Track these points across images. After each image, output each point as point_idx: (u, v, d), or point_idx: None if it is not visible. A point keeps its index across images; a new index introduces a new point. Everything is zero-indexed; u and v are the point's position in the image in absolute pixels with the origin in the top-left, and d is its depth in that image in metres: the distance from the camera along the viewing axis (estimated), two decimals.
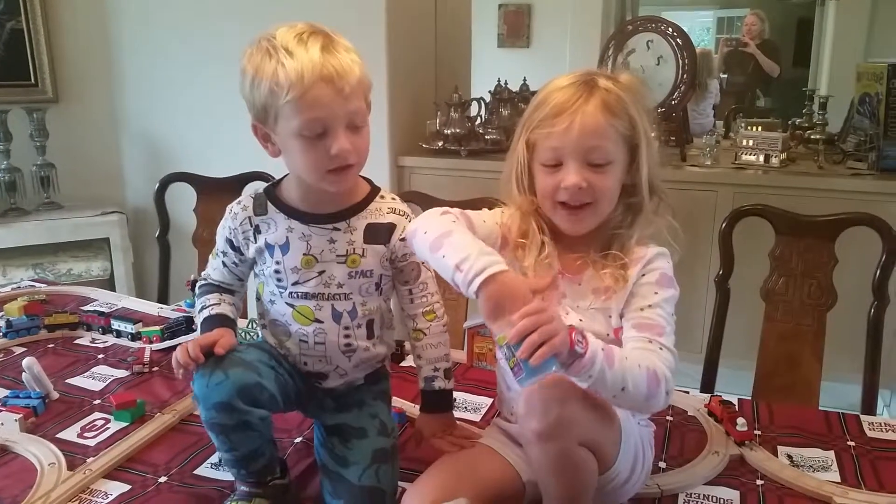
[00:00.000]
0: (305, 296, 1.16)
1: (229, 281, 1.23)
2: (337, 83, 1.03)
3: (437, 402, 1.23)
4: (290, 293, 1.16)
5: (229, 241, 1.19)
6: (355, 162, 1.09)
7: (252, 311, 1.31)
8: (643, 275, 1.07)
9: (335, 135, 1.05)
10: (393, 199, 1.21)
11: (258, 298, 1.23)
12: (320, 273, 1.15)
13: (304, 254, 1.14)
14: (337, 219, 1.15)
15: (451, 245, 1.01)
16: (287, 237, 1.15)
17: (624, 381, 0.95)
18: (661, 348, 1.02)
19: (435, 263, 1.04)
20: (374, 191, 1.20)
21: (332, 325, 1.16)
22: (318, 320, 1.16)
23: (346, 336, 1.17)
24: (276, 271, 1.16)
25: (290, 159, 1.11)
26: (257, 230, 1.17)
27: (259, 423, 1.08)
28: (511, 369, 0.91)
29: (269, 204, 1.17)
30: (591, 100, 1.04)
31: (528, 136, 1.09)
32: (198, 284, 1.26)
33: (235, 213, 1.19)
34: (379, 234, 1.17)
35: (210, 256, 1.25)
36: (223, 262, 1.22)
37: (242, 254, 1.19)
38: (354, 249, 1.15)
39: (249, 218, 1.17)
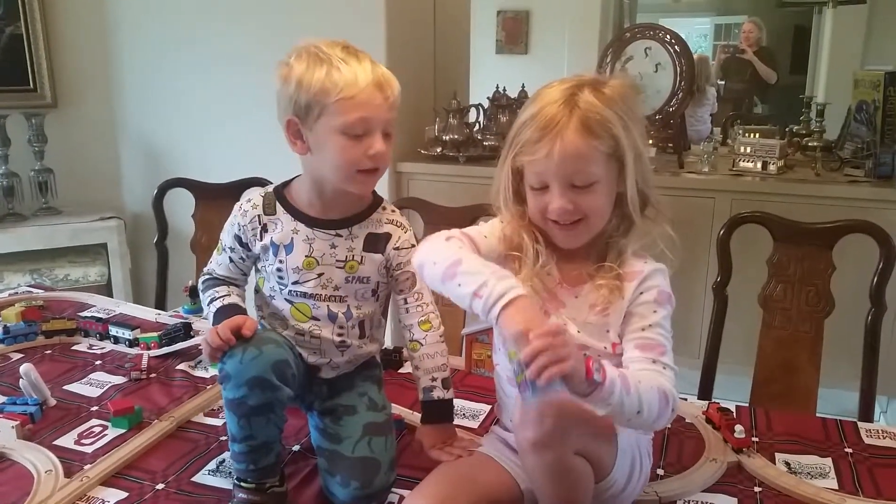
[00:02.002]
0: (304, 295, 1.22)
1: (234, 276, 1.29)
2: (385, 90, 1.14)
3: (437, 413, 1.25)
4: (290, 291, 1.22)
5: (238, 238, 1.25)
6: (382, 167, 1.17)
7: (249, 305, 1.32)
8: (641, 293, 1.07)
9: (374, 137, 1.13)
10: (393, 211, 1.27)
11: (257, 291, 1.29)
12: (319, 275, 1.21)
13: (306, 256, 1.20)
14: (340, 226, 1.22)
15: (465, 272, 1.01)
16: (292, 238, 1.21)
17: (640, 405, 0.96)
18: (664, 368, 1.03)
19: (450, 293, 1.04)
20: (377, 202, 1.26)
21: (327, 324, 1.22)
22: (314, 318, 1.22)
23: (340, 335, 1.23)
24: (279, 269, 1.22)
25: (322, 156, 1.16)
26: (265, 228, 1.23)
27: (280, 406, 1.12)
28: (518, 384, 0.92)
29: (277, 204, 1.23)
30: (570, 123, 1.02)
31: (514, 161, 1.09)
32: (201, 279, 1.31)
33: (245, 210, 1.24)
34: (377, 243, 1.23)
35: (214, 252, 1.30)
36: (230, 258, 1.27)
37: (250, 250, 1.25)
38: (353, 256, 1.21)
39: (259, 216, 1.23)
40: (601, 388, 0.92)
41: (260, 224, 1.23)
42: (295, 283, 1.21)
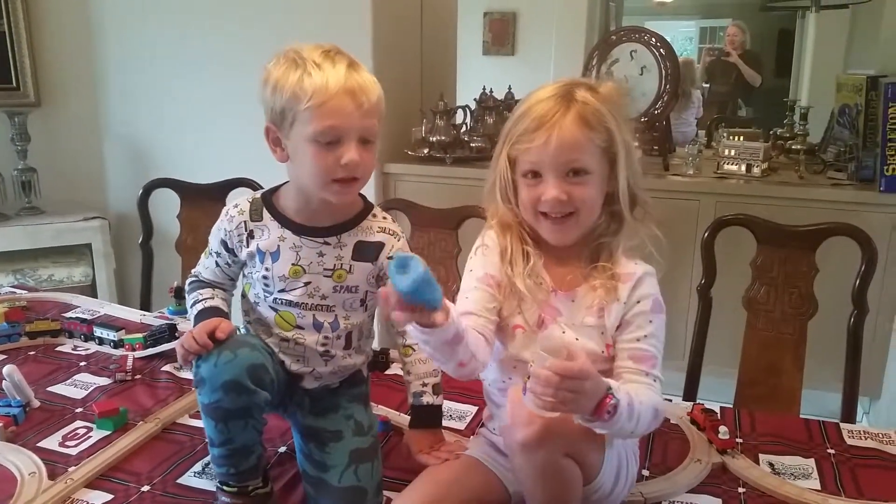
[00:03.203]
0: (289, 303, 1.19)
1: (220, 280, 1.27)
2: (358, 97, 1.09)
3: (426, 418, 1.25)
4: (276, 299, 1.20)
5: (224, 243, 1.23)
6: (360, 176, 1.13)
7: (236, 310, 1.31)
8: (638, 301, 1.08)
9: (348, 145, 1.09)
10: (384, 217, 1.25)
11: (243, 296, 1.27)
12: (306, 284, 1.18)
13: (292, 264, 1.18)
14: (328, 233, 1.19)
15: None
16: (278, 246, 1.19)
17: (636, 426, 0.99)
18: (654, 380, 1.06)
19: (463, 355, 1.02)
20: (367, 208, 1.23)
21: (311, 333, 1.20)
22: (298, 327, 1.20)
23: (324, 345, 1.21)
24: (265, 277, 1.19)
25: (298, 164, 1.14)
26: (251, 235, 1.20)
27: (258, 410, 1.10)
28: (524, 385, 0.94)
29: (264, 211, 1.21)
30: (567, 114, 1.04)
31: (510, 151, 1.10)
32: (188, 281, 1.29)
33: (232, 216, 1.22)
34: (367, 251, 1.20)
35: (202, 255, 1.28)
36: (216, 263, 1.25)
37: (236, 255, 1.23)
38: (342, 265, 1.19)
39: (245, 222, 1.21)
40: (608, 422, 0.94)
41: (246, 230, 1.20)
42: (281, 291, 1.19)
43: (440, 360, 1.02)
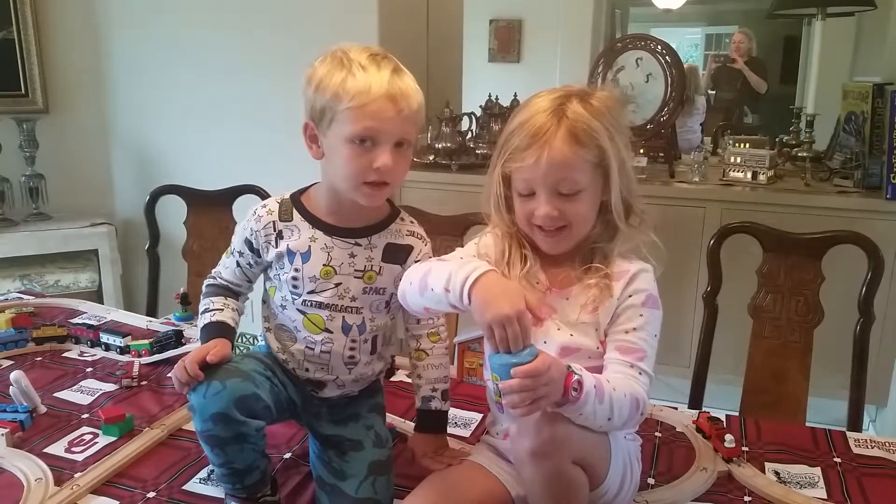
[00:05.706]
0: (319, 305, 1.18)
1: (238, 281, 1.26)
2: (399, 103, 1.10)
3: (432, 423, 1.25)
4: (304, 301, 1.19)
5: (248, 243, 1.22)
6: (391, 181, 1.13)
7: (247, 320, 1.31)
8: (630, 295, 1.09)
9: (382, 149, 1.10)
10: (412, 222, 1.26)
11: (264, 302, 1.26)
12: (337, 285, 1.18)
13: (323, 264, 1.18)
14: (359, 234, 1.19)
15: (434, 276, 1.04)
16: (309, 246, 1.18)
17: (611, 412, 0.99)
18: (640, 373, 1.05)
19: (429, 303, 1.06)
20: (395, 212, 1.24)
21: (340, 337, 1.19)
22: (327, 330, 1.19)
23: (352, 349, 1.20)
24: (294, 278, 1.18)
25: (332, 164, 1.14)
26: (280, 235, 1.20)
27: (254, 434, 1.09)
28: (495, 402, 0.95)
29: (294, 211, 1.20)
30: (558, 132, 1.04)
31: (503, 167, 1.10)
32: (206, 281, 1.28)
33: (260, 215, 1.21)
34: (397, 254, 1.21)
35: (223, 255, 1.27)
36: (237, 262, 1.24)
37: (260, 256, 1.22)
38: (372, 266, 1.19)
39: (274, 223, 1.20)
40: (574, 402, 0.94)
41: (275, 231, 1.19)
42: (311, 292, 1.18)
43: (440, 304, 1.04)
